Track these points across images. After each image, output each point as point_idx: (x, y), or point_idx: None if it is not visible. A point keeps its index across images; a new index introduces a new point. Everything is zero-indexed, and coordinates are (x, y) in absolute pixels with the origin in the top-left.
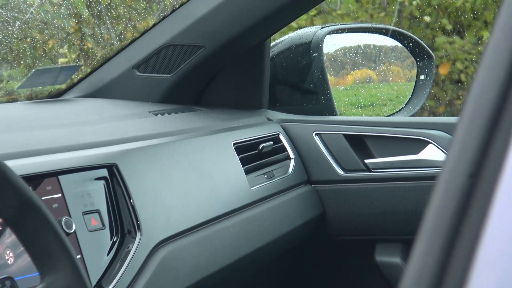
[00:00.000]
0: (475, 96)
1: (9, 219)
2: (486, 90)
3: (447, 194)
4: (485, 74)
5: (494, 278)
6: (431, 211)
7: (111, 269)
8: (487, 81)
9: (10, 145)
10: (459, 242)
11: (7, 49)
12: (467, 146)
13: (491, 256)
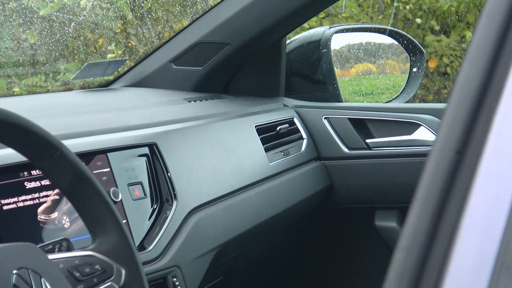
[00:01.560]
0: (461, 85)
1: (65, 189)
2: (470, 80)
3: (437, 168)
4: (469, 66)
5: (477, 239)
6: (423, 182)
7: (151, 232)
8: (471, 73)
9: (66, 127)
10: (447, 209)
11: (64, 46)
12: (454, 128)
13: (475, 220)
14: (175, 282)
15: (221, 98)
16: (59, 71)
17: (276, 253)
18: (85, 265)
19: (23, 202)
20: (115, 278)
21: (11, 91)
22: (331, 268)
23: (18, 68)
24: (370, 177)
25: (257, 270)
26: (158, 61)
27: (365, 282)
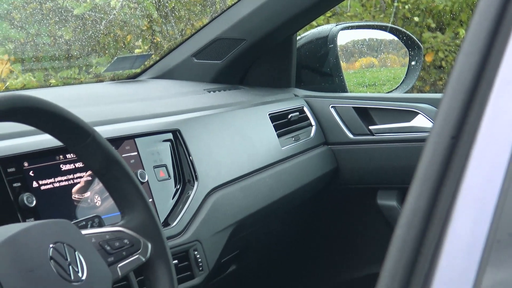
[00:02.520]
0: (456, 76)
1: (97, 171)
2: (464, 72)
3: (434, 151)
4: (463, 60)
5: (470, 216)
6: (421, 165)
7: (175, 210)
8: (465, 65)
9: (98, 115)
10: (443, 189)
11: (96, 42)
12: (449, 115)
13: (468, 199)
14: (196, 255)
15: (238, 89)
16: (91, 65)
17: (287, 229)
18: (115, 240)
19: (59, 182)
20: (142, 252)
21: (48, 83)
22: (337, 242)
23: (54, 62)
24: (372, 160)
25: (269, 245)
26: (180, 55)
27: (369, 256)
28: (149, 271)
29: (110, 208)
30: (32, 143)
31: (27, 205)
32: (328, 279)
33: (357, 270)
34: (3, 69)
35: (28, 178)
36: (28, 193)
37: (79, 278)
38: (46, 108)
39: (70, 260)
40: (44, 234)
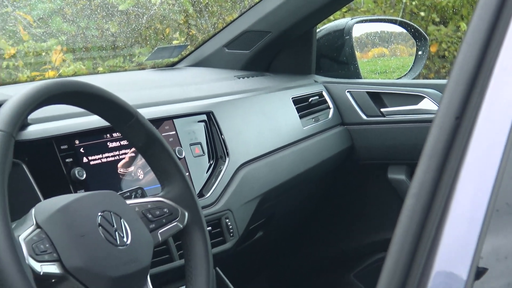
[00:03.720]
0: (459, 63)
1: (140, 148)
2: (466, 59)
3: (440, 130)
4: (466, 49)
5: (472, 187)
6: (428, 142)
7: (208, 183)
8: (467, 54)
9: (140, 99)
10: (448, 163)
11: (138, 34)
12: (453, 98)
13: (470, 172)
14: (228, 222)
15: (264, 76)
16: (134, 54)
17: (307, 200)
18: (155, 209)
19: (106, 158)
20: (180, 219)
21: (96, 70)
22: (351, 212)
23: (102, 52)
24: (384, 139)
25: (292, 214)
26: (213, 46)
27: (380, 223)
28: (186, 237)
29: (151, 180)
30: (82, 123)
31: (78, 178)
32: (343, 244)
33: (369, 236)
34: (56, 58)
35: (79, 154)
36: (79, 168)
37: (124, 242)
38: (95, 92)
39: (116, 226)
40: (93, 203)
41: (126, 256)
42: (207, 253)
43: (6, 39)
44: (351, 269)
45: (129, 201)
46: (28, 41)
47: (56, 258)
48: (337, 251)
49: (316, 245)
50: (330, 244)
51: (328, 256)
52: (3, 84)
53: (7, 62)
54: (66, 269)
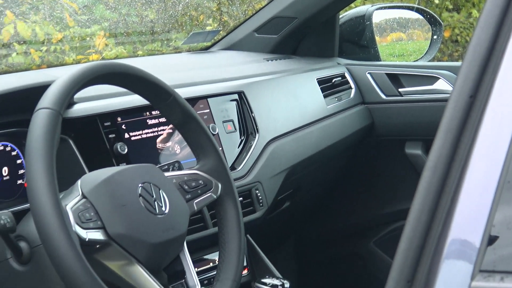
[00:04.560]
0: (473, 46)
1: (177, 125)
2: (480, 42)
3: (455, 108)
4: (479, 32)
5: (485, 161)
6: (444, 119)
7: (240, 157)
8: (481, 36)
9: (177, 79)
10: (463, 139)
11: (175, 20)
12: (468, 78)
13: (483, 147)
14: (257, 193)
15: (291, 58)
16: (171, 39)
17: (330, 173)
18: (191, 181)
19: (146, 134)
20: (214, 190)
21: (136, 54)
22: (371, 185)
23: (141, 37)
24: (401, 116)
25: (316, 185)
26: (244, 31)
27: (398, 196)
28: (220, 207)
29: (187, 155)
30: (124, 102)
31: (120, 152)
32: (364, 213)
33: (388, 206)
34: (100, 43)
35: (121, 131)
36: (121, 143)
37: (162, 211)
38: (136, 73)
39: (156, 197)
40: (134, 176)
41: (164, 224)
42: (239, 221)
43: (53, 25)
44: (371, 236)
45: (167, 173)
46: (74, 27)
47: (100, 225)
48: (358, 220)
49: (339, 214)
50: (352, 213)
51: (350, 224)
52: (51, 66)
53: (55, 46)
54: (110, 236)
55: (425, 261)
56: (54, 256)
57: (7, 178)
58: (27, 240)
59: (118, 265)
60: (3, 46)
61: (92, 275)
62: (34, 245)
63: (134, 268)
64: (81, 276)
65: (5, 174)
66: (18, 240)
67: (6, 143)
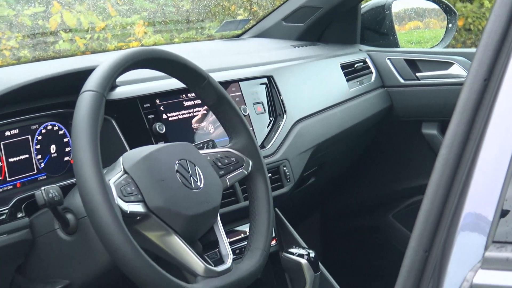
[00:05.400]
0: (487, 32)
1: (211, 106)
2: (494, 29)
3: (470, 90)
4: (493, 19)
5: (498, 141)
6: (460, 101)
7: (269, 136)
8: (494, 24)
9: (211, 64)
10: (477, 119)
11: (208, 10)
12: (482, 62)
13: (496, 127)
14: (285, 170)
15: (316, 45)
16: (205, 27)
17: (352, 151)
18: (224, 158)
19: (182, 115)
20: (245, 167)
21: (173, 41)
22: (390, 162)
23: (178, 25)
24: (419, 99)
25: (339, 163)
26: (273, 19)
27: (415, 172)
28: (250, 182)
29: (220, 134)
30: (162, 85)
31: (158, 132)
32: (383, 188)
33: (405, 182)
34: (139, 31)
35: (159, 111)
36: (159, 123)
37: (198, 186)
38: (173, 59)
39: (191, 172)
40: (172, 153)
41: (199, 198)
42: (268, 195)
43: (97, 15)
44: (390, 210)
45: (202, 151)
46: (115, 16)
47: (140, 199)
48: (377, 194)
49: (360, 189)
50: (371, 188)
51: (370, 199)
52: (95, 53)
53: (98, 34)
54: (149, 208)
55: (441, 232)
56: (98, 227)
57: (55, 155)
58: (73, 212)
59: (156, 235)
60: (51, 34)
61: (133, 244)
62: (79, 217)
63: (172, 238)
64: (123, 245)
65: (53, 151)
66: (65, 212)
67: (54, 123)
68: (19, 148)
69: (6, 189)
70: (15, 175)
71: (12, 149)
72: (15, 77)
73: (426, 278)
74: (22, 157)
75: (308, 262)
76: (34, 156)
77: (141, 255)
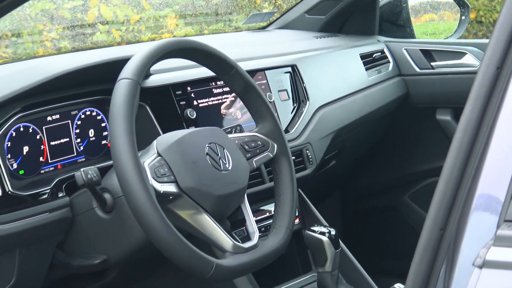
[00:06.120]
0: (500, 23)
1: (239, 93)
2: (506, 20)
3: (483, 78)
4: (505, 11)
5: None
6: (474, 88)
7: (292, 121)
8: (507, 16)
9: (239, 54)
10: (490, 104)
11: (236, 3)
12: (495, 51)
13: (509, 112)
14: (308, 153)
15: (337, 36)
16: (232, 20)
17: (370, 136)
18: (251, 141)
19: (212, 101)
20: (270, 150)
21: (202, 33)
22: (406, 146)
23: (207, 18)
24: (433, 86)
25: (359, 147)
26: (296, 12)
27: (429, 157)
28: (275, 164)
29: (247, 119)
30: (193, 73)
31: (189, 117)
32: (399, 170)
33: (421, 165)
34: (171, 23)
35: (190, 98)
36: (190, 109)
37: (226, 168)
38: (203, 48)
39: (220, 155)
40: (202, 137)
41: (228, 179)
42: (292, 177)
43: (131, 8)
44: (406, 191)
45: (230, 135)
46: (149, 9)
47: (173, 179)
48: (394, 177)
49: (377, 172)
50: (389, 171)
51: (387, 180)
52: (129, 43)
53: (133, 26)
54: (181, 189)
55: (456, 212)
56: (133, 205)
57: (93, 139)
58: (110, 192)
59: (188, 214)
60: (89, 26)
61: (166, 222)
62: (116, 196)
63: (202, 217)
64: (157, 223)
65: (92, 135)
66: (103, 192)
67: (92, 109)
68: (60, 132)
69: (48, 170)
70: (56, 157)
71: (54, 133)
72: (56, 66)
73: (441, 254)
74: (63, 141)
75: (329, 239)
76: (74, 139)
77: (173, 232)
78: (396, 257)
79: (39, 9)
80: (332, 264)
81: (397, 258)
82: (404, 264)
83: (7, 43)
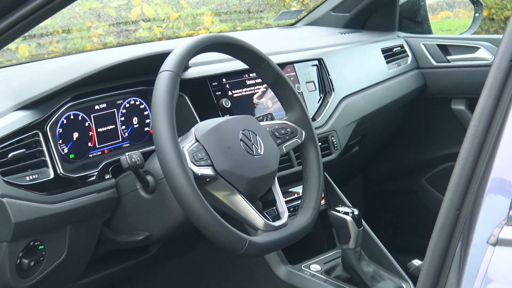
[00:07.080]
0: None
1: (270, 84)
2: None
3: (497, 70)
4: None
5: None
6: (488, 79)
7: (319, 110)
8: None
9: (270, 48)
10: (504, 95)
11: (266, 2)
12: (508, 45)
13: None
14: (333, 139)
15: (360, 32)
16: (263, 17)
17: (391, 123)
18: (281, 129)
19: (245, 92)
20: (299, 136)
21: (236, 29)
22: (423, 133)
23: (240, 15)
24: (449, 78)
25: (380, 133)
26: (322, 10)
27: (445, 143)
28: (303, 149)
29: (278, 108)
30: (228, 66)
31: (224, 106)
32: (417, 155)
33: (438, 150)
34: (207, 21)
35: (225, 89)
36: (225, 98)
37: (258, 153)
38: (238, 43)
39: (253, 141)
40: (237, 124)
41: (260, 163)
42: (319, 161)
43: (171, 7)
44: (423, 174)
45: (262, 123)
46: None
47: (209, 163)
48: (412, 162)
49: (397, 157)
50: (407, 156)
51: (406, 165)
52: (169, 39)
53: (172, 23)
54: (217, 171)
55: (471, 194)
56: (174, 187)
57: (137, 126)
58: (152, 174)
59: (223, 195)
60: (132, 23)
61: (203, 202)
62: (158, 178)
63: (236, 197)
64: (194, 202)
65: (135, 123)
66: (145, 174)
67: (136, 98)
68: (107, 119)
69: (96, 154)
70: (103, 142)
71: (101, 120)
72: (102, 60)
73: (457, 233)
74: (109, 128)
75: (352, 219)
76: (119, 126)
77: (210, 212)
78: (414, 235)
79: (87, 7)
80: (355, 242)
81: (415, 236)
82: (422, 242)
83: (58, 38)
